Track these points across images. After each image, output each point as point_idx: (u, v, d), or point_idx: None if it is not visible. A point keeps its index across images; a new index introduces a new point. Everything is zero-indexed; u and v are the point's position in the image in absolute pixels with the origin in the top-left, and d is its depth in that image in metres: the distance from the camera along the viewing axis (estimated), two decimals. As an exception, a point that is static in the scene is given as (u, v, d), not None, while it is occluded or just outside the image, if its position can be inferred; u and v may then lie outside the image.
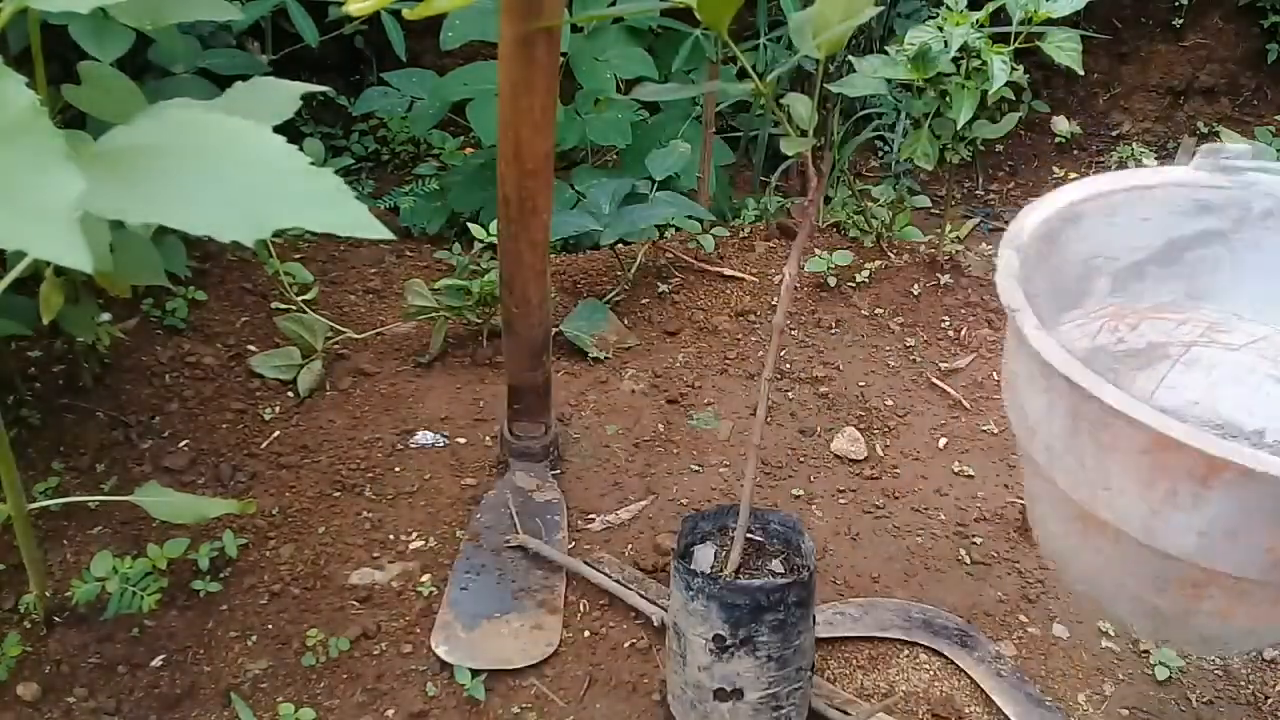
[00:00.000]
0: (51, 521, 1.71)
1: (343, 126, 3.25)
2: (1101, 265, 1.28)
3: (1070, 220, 1.23)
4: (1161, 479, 0.96)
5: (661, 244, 2.64)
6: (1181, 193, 1.27)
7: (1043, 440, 1.06)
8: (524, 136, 1.51)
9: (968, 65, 2.20)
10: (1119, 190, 1.26)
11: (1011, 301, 1.07)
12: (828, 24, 1.15)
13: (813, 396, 2.20)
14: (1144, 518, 0.99)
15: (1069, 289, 1.28)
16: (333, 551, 1.74)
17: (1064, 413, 1.02)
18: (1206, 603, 1.02)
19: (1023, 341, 1.03)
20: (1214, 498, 0.93)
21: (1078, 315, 1.28)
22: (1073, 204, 1.24)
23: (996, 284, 1.11)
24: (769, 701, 1.34)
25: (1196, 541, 0.97)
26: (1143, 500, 0.98)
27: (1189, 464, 0.92)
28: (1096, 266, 1.28)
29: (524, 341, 1.76)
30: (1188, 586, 1.02)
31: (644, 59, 2.83)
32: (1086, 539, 1.09)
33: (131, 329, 2.09)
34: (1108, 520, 1.02)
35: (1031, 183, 3.57)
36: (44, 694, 1.46)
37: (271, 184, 0.95)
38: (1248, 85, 3.53)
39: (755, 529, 1.43)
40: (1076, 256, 1.26)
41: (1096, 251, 1.27)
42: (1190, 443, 0.90)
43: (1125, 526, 1.01)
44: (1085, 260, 1.27)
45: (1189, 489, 0.94)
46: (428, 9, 1.16)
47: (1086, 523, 1.07)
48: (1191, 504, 0.95)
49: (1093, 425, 0.99)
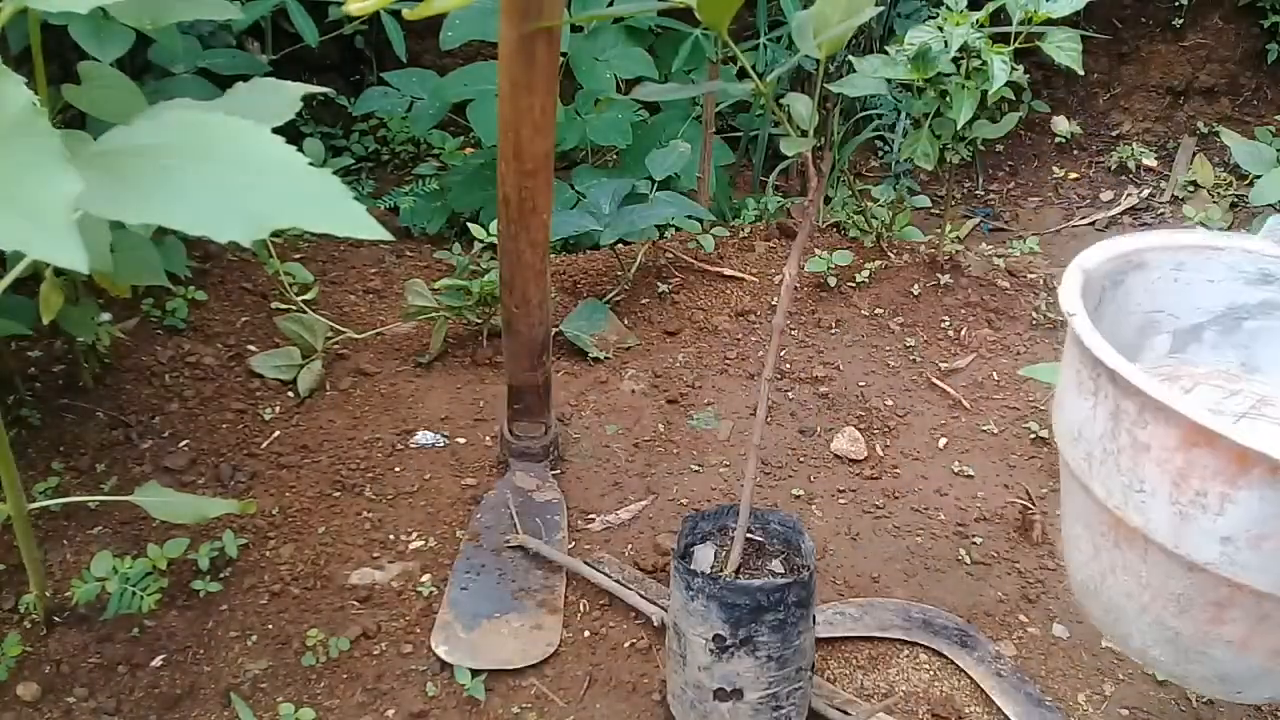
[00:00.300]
0: (51, 521, 1.71)
1: (343, 126, 3.25)
2: (1163, 322, 1.31)
3: (1137, 266, 1.27)
4: (1192, 478, 0.98)
5: (661, 244, 2.64)
6: (1249, 259, 1.26)
7: (1084, 447, 1.10)
8: (524, 136, 1.51)
9: (968, 65, 2.20)
10: (1188, 246, 1.28)
11: (1070, 307, 1.12)
12: (828, 24, 1.15)
13: (813, 396, 2.20)
14: (1172, 522, 1.01)
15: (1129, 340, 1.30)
16: (333, 551, 1.74)
17: (1106, 415, 1.06)
18: (1227, 627, 1.04)
19: (1075, 342, 1.07)
20: (1241, 498, 0.95)
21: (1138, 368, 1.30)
22: (1140, 250, 1.27)
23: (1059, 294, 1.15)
24: (769, 701, 1.34)
25: (1221, 550, 0.99)
26: (1172, 503, 1.01)
27: (1219, 463, 0.95)
28: (1157, 322, 1.31)
29: (524, 341, 1.76)
30: (1210, 606, 1.04)
31: (644, 59, 2.83)
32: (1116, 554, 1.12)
33: (131, 329, 2.09)
34: (1138, 527, 1.05)
35: (1031, 183, 3.57)
36: (44, 694, 1.46)
37: (271, 184, 0.95)
38: (1248, 85, 3.53)
39: (755, 529, 1.43)
40: (1139, 308, 1.29)
41: (1159, 306, 1.30)
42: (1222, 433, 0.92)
43: (1154, 534, 1.04)
44: (1147, 313, 1.30)
45: (1217, 489, 0.96)
46: (428, 9, 1.16)
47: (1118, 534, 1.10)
48: (1219, 506, 0.97)
49: (1132, 423, 1.02)
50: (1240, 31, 3.50)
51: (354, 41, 3.27)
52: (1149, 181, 3.47)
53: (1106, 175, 3.53)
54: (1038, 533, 1.84)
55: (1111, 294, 1.27)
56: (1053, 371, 1.95)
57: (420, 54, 3.27)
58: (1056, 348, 2.37)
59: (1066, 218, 3.39)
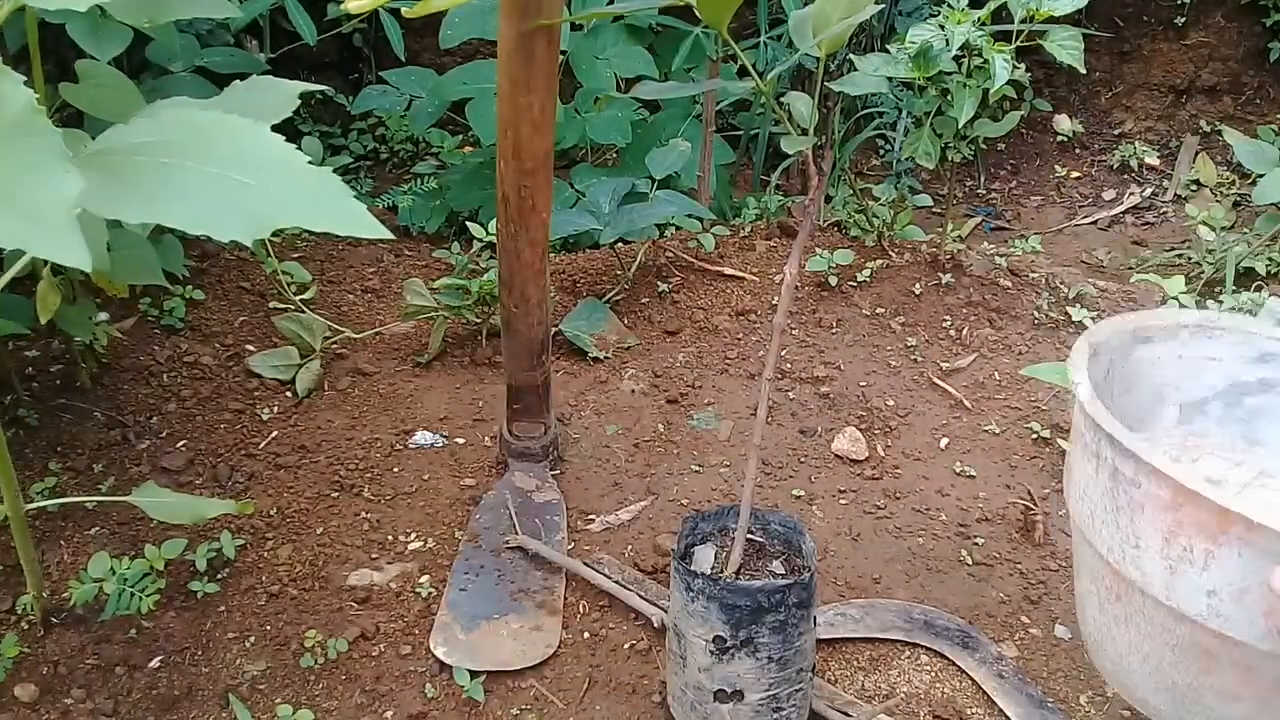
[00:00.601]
0: (49, 522, 1.70)
1: (341, 125, 3.25)
2: (1169, 395, 1.40)
3: (1143, 341, 1.37)
4: (1180, 535, 1.07)
5: (661, 243, 2.63)
6: (1248, 340, 1.36)
7: (1088, 506, 1.20)
8: (523, 135, 1.51)
9: (969, 63, 2.19)
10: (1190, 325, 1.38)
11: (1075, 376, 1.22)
12: (828, 22, 1.14)
13: (813, 396, 2.20)
14: (1164, 576, 1.10)
15: (1141, 410, 1.38)
16: (331, 552, 1.74)
17: (1106, 476, 1.15)
18: (1216, 677, 1.11)
19: (1080, 409, 1.17)
20: (1222, 554, 1.03)
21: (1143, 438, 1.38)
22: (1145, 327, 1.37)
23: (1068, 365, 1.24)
24: (769, 703, 1.34)
25: (1207, 602, 1.07)
26: (1163, 558, 1.09)
27: (1203, 519, 1.03)
28: (1165, 396, 1.40)
29: (523, 341, 1.76)
30: (1201, 656, 1.12)
31: (644, 57, 2.82)
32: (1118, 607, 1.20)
33: (129, 328, 2.09)
34: (1135, 580, 1.13)
35: (1033, 181, 3.57)
36: (41, 695, 1.45)
37: (270, 184, 0.95)
38: (1250, 84, 3.52)
39: (756, 530, 1.43)
40: (1150, 382, 1.39)
41: (1166, 380, 1.39)
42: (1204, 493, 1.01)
43: (1149, 587, 1.12)
44: (1156, 386, 1.39)
45: (1202, 545, 1.05)
46: (427, 7, 1.15)
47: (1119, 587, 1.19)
48: (1204, 561, 1.05)
49: (1128, 483, 1.11)
50: (1243, 30, 3.50)
51: (352, 40, 3.26)
52: (1151, 180, 3.46)
53: (1109, 174, 3.52)
54: (1040, 533, 1.84)
55: (1120, 365, 1.36)
56: (1054, 371, 1.95)
57: (419, 52, 3.26)
58: (1058, 347, 2.36)
59: (1069, 217, 3.39)
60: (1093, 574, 1.26)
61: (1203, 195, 3.30)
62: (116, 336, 2.01)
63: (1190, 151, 3.46)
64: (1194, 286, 2.67)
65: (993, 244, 2.96)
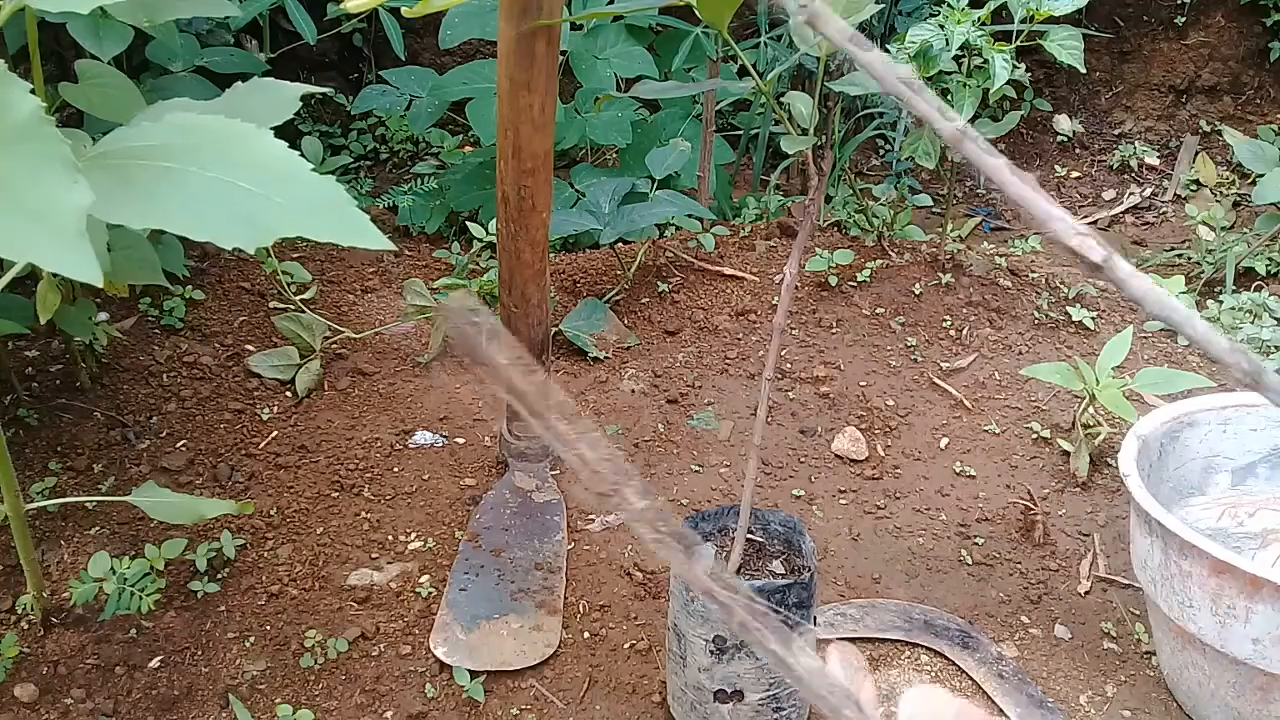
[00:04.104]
0: (49, 522, 1.70)
1: (341, 125, 3.24)
2: (1220, 463, 1.66)
3: (1189, 425, 1.64)
4: (1223, 597, 1.31)
5: (661, 243, 2.63)
6: None
7: (1150, 574, 1.45)
8: (523, 135, 1.51)
9: (969, 63, 2.19)
10: (1231, 405, 1.65)
11: (1125, 469, 1.48)
12: (829, 22, 1.14)
13: (814, 396, 2.20)
14: (1216, 629, 1.34)
15: (1195, 480, 1.67)
16: (331, 552, 1.73)
17: (1159, 551, 1.41)
18: (1274, 705, 1.35)
19: (1130, 498, 1.44)
20: (1259, 609, 1.28)
21: (1202, 501, 1.67)
22: (1190, 412, 1.64)
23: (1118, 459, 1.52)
24: (769, 703, 1.34)
25: (1252, 648, 1.31)
26: (1213, 615, 1.33)
27: (1239, 583, 1.28)
28: (1216, 465, 1.66)
29: (523, 341, 1.76)
30: (1257, 690, 1.36)
31: (644, 57, 2.82)
32: (1185, 653, 1.45)
33: (129, 328, 2.09)
34: (1193, 632, 1.38)
35: (1033, 181, 3.56)
36: (41, 695, 1.45)
37: (274, 192, 0.94)
38: (1250, 84, 3.52)
39: (756, 529, 1.42)
40: (1198, 455, 1.66)
41: (1216, 451, 1.66)
42: (1235, 564, 1.27)
43: (1205, 638, 1.36)
44: (1206, 458, 1.66)
45: (1242, 604, 1.29)
46: (426, 7, 1.15)
47: (1183, 639, 1.43)
48: (1245, 616, 1.30)
49: (1177, 557, 1.36)
50: (1243, 30, 3.49)
51: (352, 39, 3.26)
52: (1151, 180, 3.46)
53: (1109, 174, 3.52)
54: (1039, 533, 1.84)
55: (1170, 447, 1.63)
56: (1054, 371, 1.96)
57: (419, 52, 3.26)
58: (1058, 347, 2.36)
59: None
60: (1161, 628, 1.51)
61: (1203, 195, 3.30)
62: (116, 336, 2.01)
63: (1190, 151, 3.46)
64: (1194, 286, 2.67)
65: (993, 244, 2.96)
